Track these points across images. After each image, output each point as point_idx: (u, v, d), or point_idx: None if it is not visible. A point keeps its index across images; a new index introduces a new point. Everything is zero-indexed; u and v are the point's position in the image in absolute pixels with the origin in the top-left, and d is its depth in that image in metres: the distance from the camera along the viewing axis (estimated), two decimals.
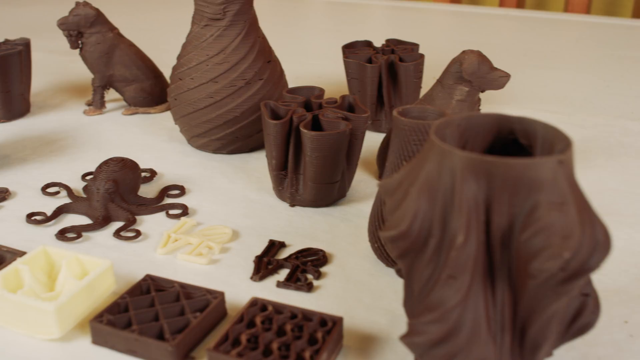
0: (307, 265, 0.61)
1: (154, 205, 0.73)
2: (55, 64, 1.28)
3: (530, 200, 0.39)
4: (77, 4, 0.97)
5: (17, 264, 0.57)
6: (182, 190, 0.77)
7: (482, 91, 0.73)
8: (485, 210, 0.40)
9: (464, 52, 0.73)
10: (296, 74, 1.13)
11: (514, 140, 0.47)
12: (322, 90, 0.76)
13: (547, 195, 0.39)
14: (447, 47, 1.34)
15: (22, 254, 0.61)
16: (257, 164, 0.84)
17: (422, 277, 0.43)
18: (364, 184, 0.78)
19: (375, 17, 1.73)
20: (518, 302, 0.42)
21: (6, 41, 1.02)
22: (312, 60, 1.28)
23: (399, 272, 0.59)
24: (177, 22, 1.64)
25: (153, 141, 0.92)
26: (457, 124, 0.46)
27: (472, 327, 0.41)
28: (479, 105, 0.75)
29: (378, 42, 1.00)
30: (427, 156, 0.42)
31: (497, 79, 0.72)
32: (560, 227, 0.38)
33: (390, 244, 0.42)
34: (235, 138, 0.84)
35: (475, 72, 0.71)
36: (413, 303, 0.44)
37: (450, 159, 0.40)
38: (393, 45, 0.95)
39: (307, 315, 0.51)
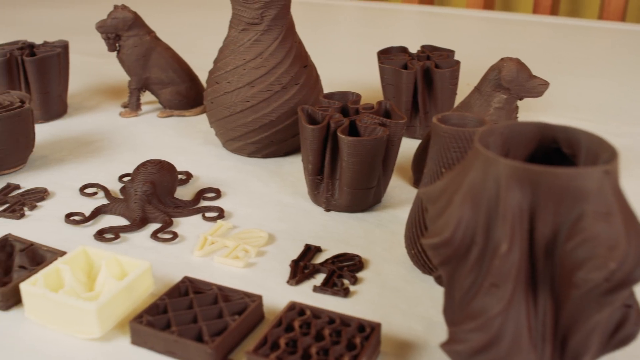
0: (343, 271, 0.62)
1: (190, 207, 0.74)
2: (91, 66, 1.29)
3: (576, 210, 0.39)
4: (116, 7, 0.98)
5: (58, 263, 0.58)
6: (217, 193, 0.77)
7: (520, 99, 0.73)
8: (529, 219, 0.40)
9: (502, 59, 0.73)
10: (329, 79, 1.14)
11: (556, 149, 0.47)
12: (358, 96, 0.77)
13: (593, 205, 0.39)
14: (480, 53, 1.34)
15: (62, 253, 0.62)
16: (292, 168, 0.84)
17: (464, 284, 0.43)
18: (399, 190, 0.78)
19: (407, 22, 1.73)
20: (560, 312, 0.41)
21: (45, 43, 1.03)
22: (344, 65, 1.28)
23: (438, 280, 0.59)
24: (213, 26, 1.66)
25: (188, 144, 0.93)
26: (500, 132, 0.46)
27: (514, 336, 0.41)
28: (517, 113, 0.75)
29: (410, 47, 1.00)
30: (471, 164, 0.42)
31: (536, 86, 0.72)
32: (606, 238, 0.38)
33: (433, 251, 0.42)
34: (271, 142, 0.84)
35: (513, 80, 0.71)
36: (454, 311, 0.44)
37: (495, 167, 0.40)
38: (428, 51, 0.95)
39: (345, 321, 0.51)
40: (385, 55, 0.95)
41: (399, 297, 0.59)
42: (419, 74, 0.88)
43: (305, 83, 0.84)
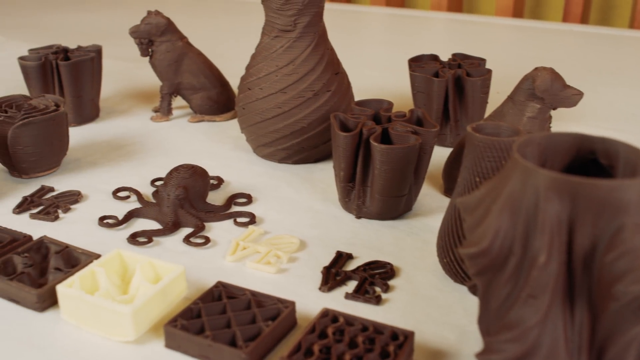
0: (375, 278, 0.62)
1: (222, 212, 0.74)
2: (123, 70, 1.31)
3: (616, 222, 0.39)
4: (149, 12, 0.99)
5: (94, 266, 0.58)
6: (249, 199, 0.78)
7: (554, 109, 0.73)
8: (567, 230, 0.40)
9: (536, 69, 0.72)
10: (358, 86, 1.14)
11: (593, 160, 0.47)
12: (390, 104, 0.77)
13: (633, 217, 0.38)
14: (509, 61, 1.34)
15: (96, 256, 0.63)
16: (322, 174, 0.84)
17: (500, 295, 0.43)
18: (430, 198, 0.78)
19: (435, 29, 1.73)
20: (597, 324, 0.41)
21: (79, 48, 1.04)
22: (373, 72, 1.28)
23: (472, 289, 0.59)
24: (243, 32, 1.67)
25: (219, 149, 0.93)
26: (538, 142, 0.45)
27: (550, 347, 0.41)
28: (550, 123, 0.74)
29: (439, 54, 1.00)
30: (510, 174, 0.42)
31: (570, 96, 0.72)
32: None
33: (470, 261, 0.42)
34: (302, 148, 0.85)
35: (547, 90, 0.71)
36: (489, 321, 0.44)
37: (534, 177, 0.40)
38: (460, 59, 0.95)
39: (379, 328, 0.52)
40: (416, 63, 0.95)
41: (431, 306, 0.59)
42: (450, 82, 0.88)
43: (336, 90, 0.84)
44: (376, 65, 1.37)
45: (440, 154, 0.88)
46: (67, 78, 0.99)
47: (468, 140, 0.57)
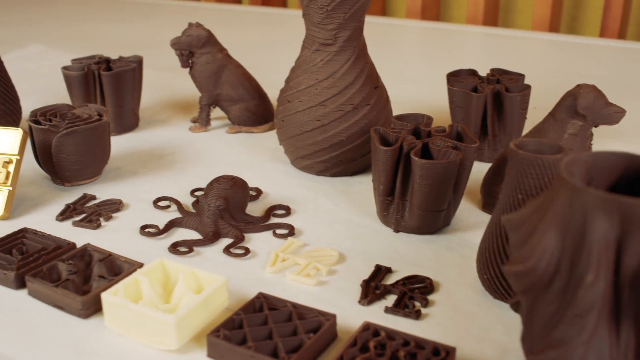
0: (414, 292, 0.62)
1: (261, 224, 0.75)
2: (161, 80, 1.32)
3: None
4: (190, 24, 1.01)
5: (137, 275, 0.59)
6: (287, 211, 0.78)
7: (596, 126, 0.73)
8: (615, 249, 0.40)
9: (578, 86, 0.72)
10: (394, 99, 1.14)
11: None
12: (430, 118, 0.77)
13: None
14: (546, 76, 1.33)
15: (139, 265, 0.64)
16: (360, 187, 0.85)
17: (545, 313, 0.43)
18: (468, 213, 0.78)
19: (471, 43, 1.73)
20: None
21: (121, 58, 1.06)
22: (408, 85, 1.28)
23: (514, 306, 0.59)
24: (281, 44, 1.68)
25: (256, 160, 0.94)
26: (584, 160, 0.46)
27: None
28: (591, 140, 0.74)
29: (475, 68, 1.00)
30: (557, 193, 0.42)
31: (612, 114, 0.71)
32: None
33: (516, 279, 0.43)
34: (340, 161, 0.85)
35: (590, 107, 0.71)
36: (533, 339, 0.44)
37: (582, 197, 0.40)
38: (498, 74, 0.95)
39: (420, 343, 0.52)
40: (454, 77, 0.95)
41: (471, 322, 0.59)
42: (489, 98, 0.88)
43: (375, 104, 0.85)
44: (412, 78, 1.37)
45: (478, 169, 0.88)
46: (108, 88, 1.00)
47: (510, 157, 0.57)
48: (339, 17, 0.80)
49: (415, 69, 1.48)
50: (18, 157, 0.80)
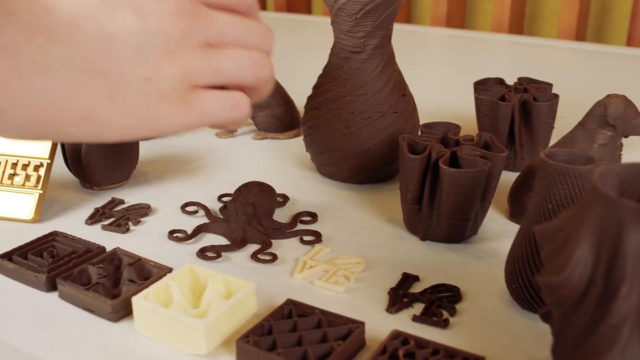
0: (442, 301, 0.62)
1: (288, 230, 0.75)
2: None
3: None
4: None
5: (167, 279, 0.60)
6: (314, 217, 0.79)
7: (626, 136, 0.72)
8: None
9: (609, 96, 0.72)
10: (420, 107, 1.14)
11: None
12: (458, 127, 0.77)
13: None
14: (573, 85, 1.32)
15: (168, 269, 0.65)
16: (387, 195, 0.85)
17: (578, 325, 0.42)
18: (494, 222, 0.78)
19: (496, 52, 1.72)
20: None
21: None
22: (434, 93, 1.29)
23: (544, 317, 0.58)
24: (308, 50, 1.69)
25: (283, 166, 0.95)
26: (617, 172, 0.45)
27: None
28: (621, 151, 0.74)
29: (501, 76, 1.00)
30: (590, 204, 0.42)
31: None
32: None
33: (548, 290, 0.43)
34: (367, 169, 0.86)
35: (620, 117, 0.70)
36: (565, 351, 0.44)
37: (617, 208, 0.40)
38: (526, 83, 0.95)
39: (450, 352, 0.52)
40: (481, 86, 0.95)
41: (500, 332, 0.58)
42: (517, 107, 0.88)
43: (403, 111, 0.85)
44: (438, 86, 1.37)
45: (504, 178, 0.87)
46: None
47: (540, 167, 0.57)
48: (368, 25, 0.81)
49: (440, 77, 1.48)
50: (49, 161, 0.81)
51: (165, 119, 0.49)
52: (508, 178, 0.86)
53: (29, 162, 0.81)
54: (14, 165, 0.81)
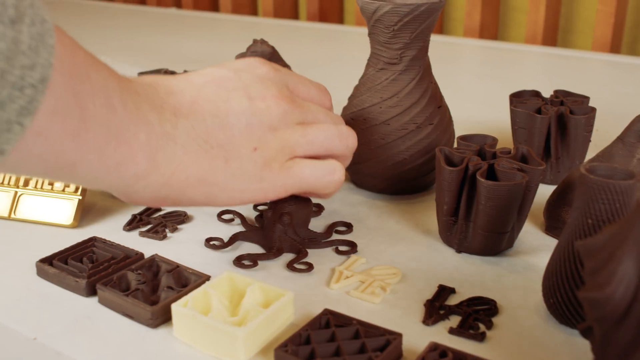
0: (479, 314, 0.62)
1: (324, 240, 0.76)
2: None
3: None
4: (255, 41, 1.02)
5: (206, 287, 0.61)
6: (349, 227, 0.79)
7: None
8: None
9: None
10: (454, 118, 1.14)
11: None
12: (495, 139, 0.77)
13: None
14: (609, 98, 1.31)
15: (206, 277, 0.65)
16: (422, 206, 0.85)
17: (620, 342, 0.42)
18: (530, 236, 0.78)
19: (530, 63, 1.72)
20: None
21: (185, 72, 1.08)
22: (467, 104, 1.28)
23: (585, 333, 0.58)
24: (342, 60, 1.70)
25: None
26: None
27: None
28: None
29: (535, 88, 0.99)
30: (635, 219, 0.42)
31: None
32: None
33: (591, 306, 0.42)
34: (401, 180, 0.86)
35: None
36: None
37: None
38: (562, 96, 0.95)
39: None
40: (517, 98, 0.95)
41: (537, 347, 0.58)
42: (553, 120, 0.88)
43: (439, 123, 0.85)
44: (471, 97, 1.37)
45: (539, 191, 0.87)
46: None
47: (580, 182, 0.57)
48: (405, 37, 0.81)
49: (474, 88, 1.48)
50: None
51: (268, 182, 0.61)
52: (543, 191, 0.85)
53: None
54: None
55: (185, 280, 0.66)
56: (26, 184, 0.83)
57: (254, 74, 0.62)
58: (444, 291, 0.66)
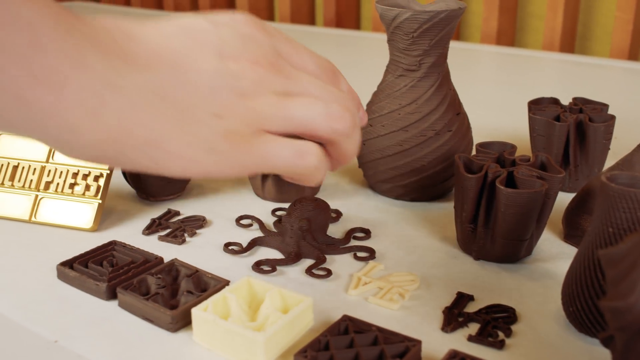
0: (497, 322, 0.62)
1: (342, 246, 0.76)
2: None
3: None
4: None
5: (226, 292, 0.61)
6: (367, 234, 0.79)
7: None
8: None
9: None
10: (471, 125, 1.14)
11: None
12: (514, 147, 0.77)
13: None
14: (627, 105, 1.31)
15: (225, 282, 0.66)
16: (440, 213, 0.85)
17: None
18: (549, 243, 0.78)
19: (547, 70, 1.71)
20: None
21: None
22: (484, 111, 1.28)
23: (605, 342, 0.58)
24: (360, 66, 1.70)
25: (335, 182, 0.95)
26: None
27: None
28: None
29: (553, 95, 0.99)
30: None
31: None
32: None
33: (613, 315, 0.42)
34: (420, 186, 0.86)
35: None
36: None
37: None
38: (581, 104, 0.94)
39: None
40: (536, 105, 0.95)
41: (556, 355, 0.58)
42: (572, 127, 0.88)
43: (457, 130, 0.85)
44: (488, 104, 1.37)
45: (557, 199, 0.87)
46: None
47: (601, 190, 0.57)
48: (425, 44, 0.81)
49: (491, 95, 1.48)
50: (108, 172, 0.82)
51: (224, 156, 0.50)
52: (562, 199, 0.85)
53: (90, 172, 0.83)
54: (75, 175, 0.83)
55: (204, 285, 0.66)
56: (47, 187, 0.83)
57: (236, 30, 0.52)
58: (463, 298, 0.66)
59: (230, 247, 0.76)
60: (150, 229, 0.81)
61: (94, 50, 0.45)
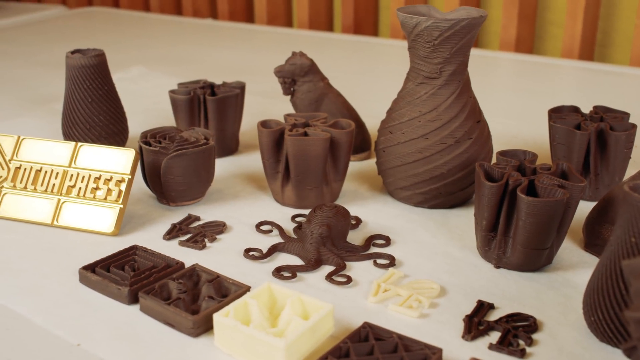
0: (518, 330, 0.62)
1: (362, 252, 0.76)
2: (260, 105, 1.36)
3: None
4: (294, 53, 1.03)
5: (247, 298, 0.61)
6: (387, 241, 0.79)
7: None
8: None
9: None
10: (491, 133, 1.14)
11: None
12: (535, 155, 0.77)
13: None
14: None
15: (246, 287, 0.66)
16: (459, 221, 0.85)
17: None
18: (569, 252, 0.77)
19: (566, 78, 1.71)
20: None
21: (224, 84, 1.09)
22: (503, 119, 1.28)
23: (629, 352, 0.58)
24: (379, 73, 1.70)
25: (355, 189, 0.96)
26: None
27: None
28: None
29: (572, 103, 0.99)
30: None
31: None
32: None
33: (636, 325, 0.42)
34: (439, 194, 0.86)
35: None
36: None
37: None
38: (602, 112, 0.94)
39: None
40: (556, 114, 0.95)
41: None
42: (593, 136, 0.87)
43: (477, 138, 0.85)
44: (508, 112, 1.36)
45: (578, 208, 0.87)
46: (213, 112, 1.04)
47: (623, 199, 0.57)
48: (445, 52, 0.81)
49: (510, 102, 1.48)
50: (130, 177, 0.83)
51: None
52: (582, 208, 0.85)
53: (111, 177, 0.83)
54: (97, 179, 0.84)
55: (225, 291, 0.67)
56: (69, 192, 0.84)
57: None
58: (483, 307, 0.66)
59: (250, 253, 0.76)
60: (170, 234, 0.81)
61: None
